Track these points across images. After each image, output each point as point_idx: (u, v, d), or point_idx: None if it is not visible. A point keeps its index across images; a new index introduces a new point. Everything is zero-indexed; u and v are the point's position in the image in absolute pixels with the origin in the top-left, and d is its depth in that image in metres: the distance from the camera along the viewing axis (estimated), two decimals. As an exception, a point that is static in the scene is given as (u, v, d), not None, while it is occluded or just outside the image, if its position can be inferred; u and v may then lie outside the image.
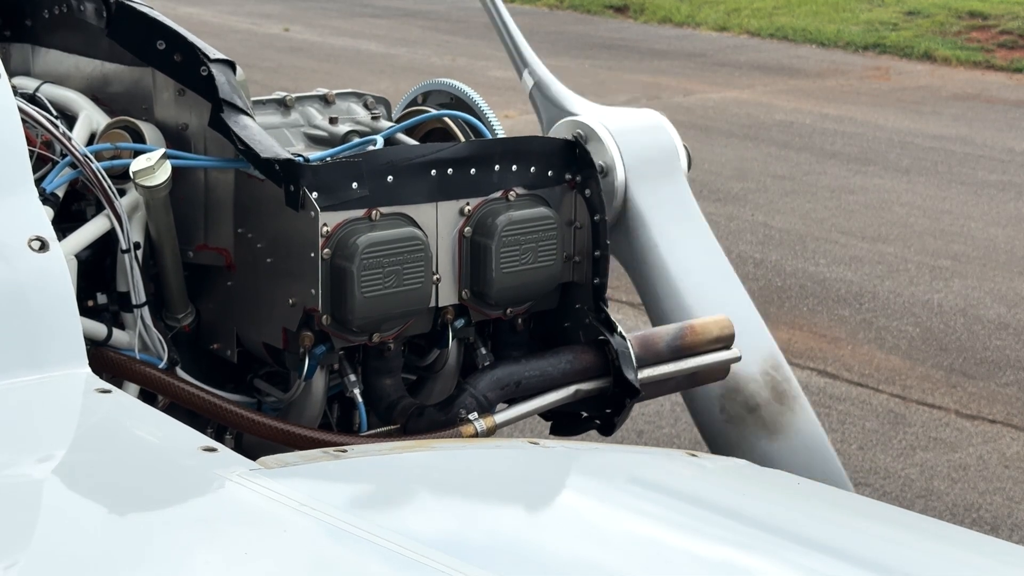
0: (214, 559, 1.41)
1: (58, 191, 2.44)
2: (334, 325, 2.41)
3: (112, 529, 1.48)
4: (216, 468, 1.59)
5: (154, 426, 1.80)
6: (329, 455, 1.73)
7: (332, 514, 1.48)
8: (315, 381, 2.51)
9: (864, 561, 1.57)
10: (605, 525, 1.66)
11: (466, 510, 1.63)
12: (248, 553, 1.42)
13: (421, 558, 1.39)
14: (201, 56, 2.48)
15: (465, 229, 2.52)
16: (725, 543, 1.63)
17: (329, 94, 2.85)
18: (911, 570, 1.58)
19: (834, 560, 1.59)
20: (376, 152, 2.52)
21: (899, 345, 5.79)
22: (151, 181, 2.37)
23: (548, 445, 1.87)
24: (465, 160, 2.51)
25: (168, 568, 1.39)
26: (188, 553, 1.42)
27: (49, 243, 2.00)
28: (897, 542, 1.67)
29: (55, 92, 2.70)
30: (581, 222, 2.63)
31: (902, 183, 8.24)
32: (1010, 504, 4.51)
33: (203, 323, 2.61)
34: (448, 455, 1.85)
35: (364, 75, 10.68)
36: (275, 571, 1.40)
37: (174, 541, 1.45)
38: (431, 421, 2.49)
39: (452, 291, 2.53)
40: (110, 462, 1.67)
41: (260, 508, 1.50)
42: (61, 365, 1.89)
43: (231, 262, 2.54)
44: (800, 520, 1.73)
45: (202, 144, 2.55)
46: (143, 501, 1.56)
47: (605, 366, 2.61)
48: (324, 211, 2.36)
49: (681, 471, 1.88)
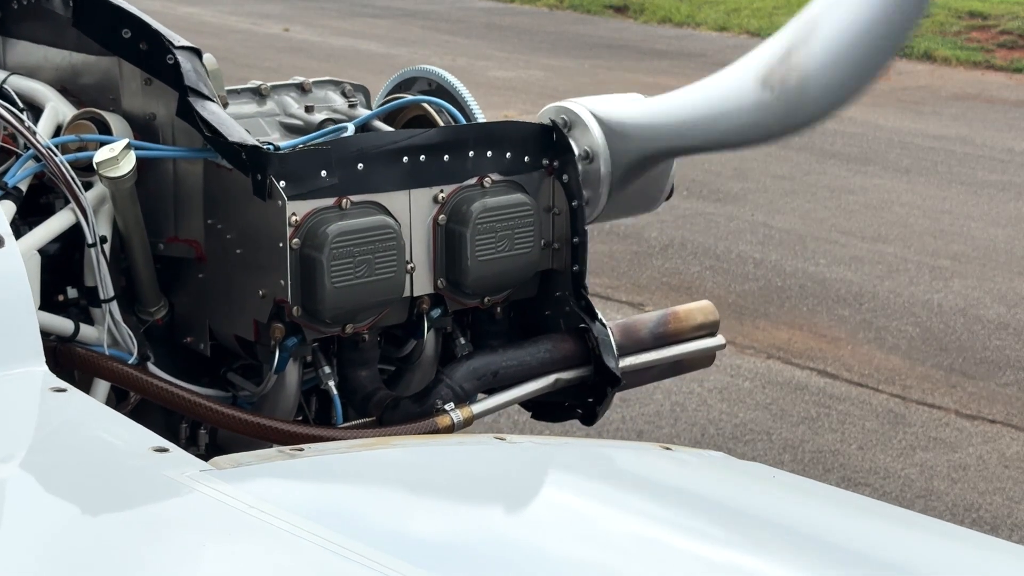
0: (157, 562, 1.37)
1: (21, 185, 2.40)
2: (305, 316, 2.37)
3: (55, 530, 1.44)
4: (166, 469, 1.55)
5: (107, 426, 1.76)
6: (284, 454, 1.68)
7: (280, 516, 1.43)
8: (288, 374, 2.47)
9: (841, 551, 1.54)
10: (576, 522, 1.61)
11: (427, 510, 1.58)
12: (191, 557, 1.37)
13: (370, 562, 1.33)
14: (167, 44, 2.44)
15: (439, 217, 2.47)
16: (701, 536, 1.59)
17: (306, 82, 2.81)
18: (889, 559, 1.53)
19: (812, 551, 1.55)
20: (346, 139, 2.47)
21: (899, 345, 5.73)
22: (115, 172, 2.32)
23: (515, 440, 1.81)
24: (438, 146, 2.47)
25: (111, 570, 1.35)
26: (130, 556, 1.38)
27: (4, 239, 1.95)
28: (875, 532, 1.64)
29: (22, 84, 2.66)
30: (559, 208, 2.59)
31: (902, 183, 8.18)
32: (1010, 504, 4.46)
33: (176, 316, 2.58)
34: (409, 453, 1.80)
35: (364, 75, 10.61)
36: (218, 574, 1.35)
37: (118, 544, 1.41)
38: (407, 413, 2.45)
39: (427, 280, 2.49)
40: (59, 463, 1.63)
41: (207, 510, 1.46)
42: (16, 363, 1.85)
43: (202, 254, 2.51)
44: (776, 512, 1.69)
45: (170, 135, 2.51)
46: (89, 502, 1.52)
47: (586, 354, 2.57)
48: (292, 200, 2.32)
49: (654, 464, 1.82)
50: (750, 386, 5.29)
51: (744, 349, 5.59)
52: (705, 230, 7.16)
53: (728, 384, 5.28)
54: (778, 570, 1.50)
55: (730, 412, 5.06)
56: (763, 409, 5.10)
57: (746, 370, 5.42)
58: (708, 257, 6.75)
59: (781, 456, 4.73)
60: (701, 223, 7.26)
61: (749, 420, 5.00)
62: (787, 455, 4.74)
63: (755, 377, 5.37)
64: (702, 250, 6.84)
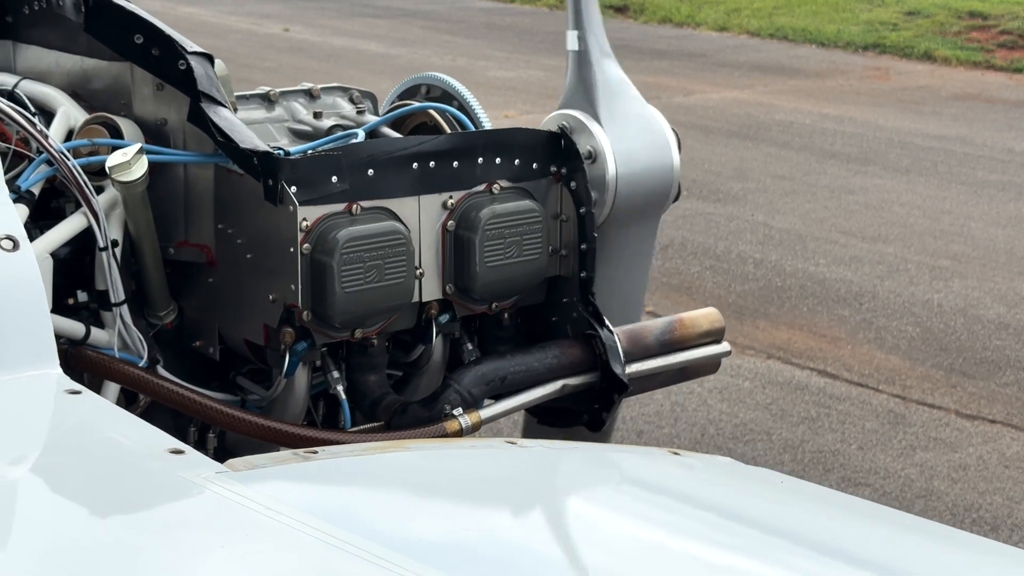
0: (174, 562, 1.38)
1: (34, 188, 2.41)
2: (315, 321, 2.38)
3: (73, 531, 1.45)
4: (182, 471, 1.57)
5: (122, 428, 1.77)
6: (299, 456, 1.69)
7: (296, 517, 1.44)
8: (297, 378, 2.48)
9: (849, 557, 1.55)
10: (585, 526, 1.62)
11: (439, 513, 1.59)
12: (207, 557, 1.39)
13: (384, 562, 1.35)
14: (179, 49, 2.45)
15: (448, 223, 2.49)
16: (709, 541, 1.60)
17: (314, 88, 2.83)
18: (895, 565, 1.55)
19: (819, 556, 1.56)
20: (357, 145, 2.49)
21: (899, 345, 5.75)
22: (127, 176, 2.34)
23: (526, 445, 1.83)
24: (447, 153, 2.48)
25: (129, 571, 1.36)
26: (147, 557, 1.40)
27: (20, 242, 1.97)
28: (881, 538, 1.64)
29: (34, 88, 2.67)
30: (567, 215, 2.60)
31: (902, 183, 8.20)
32: (1010, 504, 4.48)
33: (186, 320, 2.59)
34: (422, 456, 1.81)
35: (364, 75, 10.64)
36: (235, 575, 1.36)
37: (135, 544, 1.42)
38: (415, 418, 2.47)
39: (436, 286, 2.50)
40: (76, 464, 1.64)
41: (224, 511, 1.47)
42: (31, 366, 1.86)
43: (212, 258, 2.52)
44: (784, 517, 1.69)
45: (181, 140, 2.52)
46: (106, 503, 1.53)
47: (593, 361, 2.58)
48: (303, 205, 2.34)
49: (663, 469, 1.84)
50: (750, 386, 5.31)
51: (744, 349, 5.61)
52: (705, 230, 7.17)
53: (728, 384, 5.30)
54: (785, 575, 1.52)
55: (730, 412, 5.08)
56: (763, 409, 5.12)
57: (746, 370, 5.44)
58: (708, 257, 6.77)
59: (781, 456, 4.75)
60: (701, 223, 7.28)
61: (749, 420, 5.02)
62: (787, 455, 4.76)
63: (755, 377, 5.39)
64: (702, 250, 6.86)
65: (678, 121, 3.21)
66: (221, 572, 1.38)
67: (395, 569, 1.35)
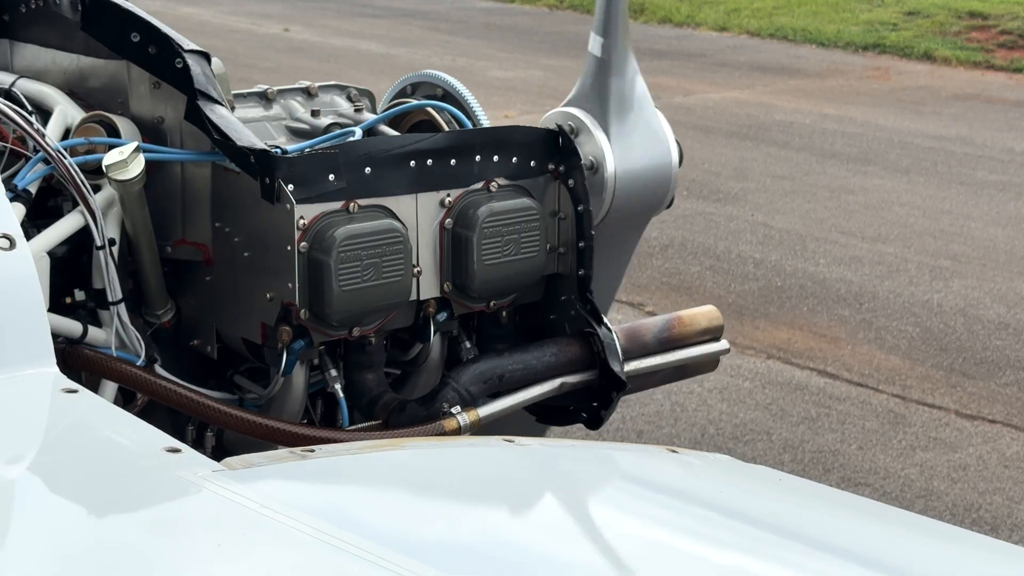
0: (172, 561, 1.38)
1: (31, 187, 2.41)
2: (312, 319, 2.38)
3: (70, 530, 1.45)
4: (179, 469, 1.57)
5: (119, 426, 1.77)
6: (296, 455, 1.69)
7: (293, 516, 1.44)
8: (295, 376, 2.48)
9: (847, 554, 1.55)
10: (583, 525, 1.62)
11: (436, 511, 1.59)
12: (205, 556, 1.38)
13: (382, 561, 1.34)
14: (176, 47, 2.45)
15: (446, 221, 2.49)
16: (708, 539, 1.60)
17: (312, 87, 2.83)
18: (894, 562, 1.55)
19: (818, 553, 1.56)
20: (354, 143, 2.48)
21: (899, 345, 5.74)
22: (124, 175, 2.33)
23: (524, 443, 1.82)
24: (445, 151, 2.48)
25: (125, 571, 1.36)
26: (145, 556, 1.39)
27: (16, 240, 1.97)
28: (881, 536, 1.64)
29: (30, 87, 2.67)
30: (565, 213, 2.60)
31: (902, 183, 8.19)
32: (1010, 504, 4.47)
33: (183, 319, 2.59)
34: (419, 454, 1.81)
35: (364, 75, 10.64)
36: (232, 574, 1.36)
37: (132, 543, 1.42)
38: (413, 416, 2.46)
39: (434, 284, 2.50)
40: (72, 463, 1.64)
41: (221, 510, 1.47)
42: (28, 364, 1.86)
43: (209, 257, 2.52)
44: (782, 515, 1.69)
45: (178, 138, 2.52)
46: (103, 502, 1.53)
47: (591, 359, 2.58)
48: (300, 203, 2.33)
49: (661, 467, 1.83)
50: (750, 386, 5.30)
51: (744, 349, 5.61)
52: (705, 230, 7.17)
53: (728, 384, 5.29)
54: (784, 573, 1.52)
55: (730, 412, 5.08)
56: (763, 409, 5.12)
57: (746, 370, 5.43)
58: (708, 257, 6.76)
59: (781, 456, 4.74)
60: (701, 223, 7.27)
61: (749, 420, 5.02)
62: (787, 455, 4.75)
63: (755, 377, 5.38)
64: (702, 250, 6.86)
65: (678, 121, 3.20)
66: (218, 571, 1.38)
67: (392, 567, 1.34)
